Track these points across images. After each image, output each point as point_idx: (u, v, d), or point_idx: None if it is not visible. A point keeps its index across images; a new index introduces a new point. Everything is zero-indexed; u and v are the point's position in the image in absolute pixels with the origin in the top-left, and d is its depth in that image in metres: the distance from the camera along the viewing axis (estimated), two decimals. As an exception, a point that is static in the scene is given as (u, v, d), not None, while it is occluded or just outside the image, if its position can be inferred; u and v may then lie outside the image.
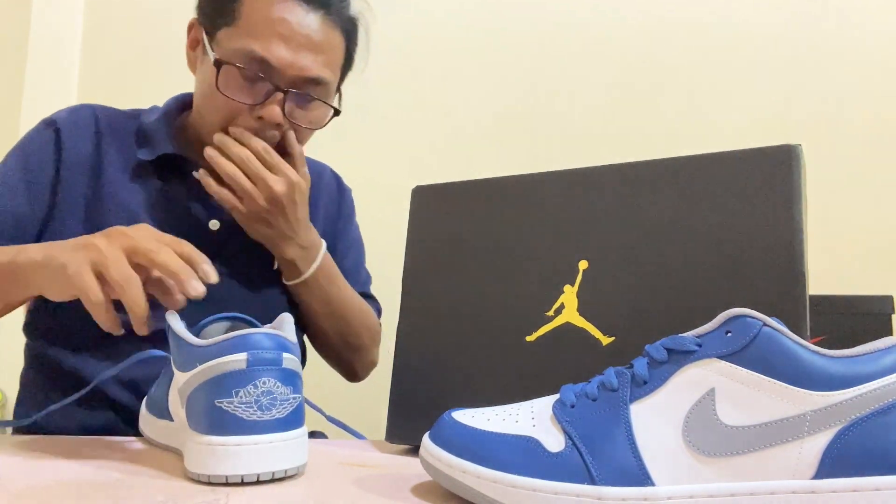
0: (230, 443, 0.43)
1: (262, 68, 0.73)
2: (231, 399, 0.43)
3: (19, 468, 0.46)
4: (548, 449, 0.38)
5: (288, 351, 0.46)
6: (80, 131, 0.78)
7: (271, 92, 0.73)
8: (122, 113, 0.83)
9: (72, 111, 0.81)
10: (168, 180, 0.79)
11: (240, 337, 0.44)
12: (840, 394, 0.34)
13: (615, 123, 1.44)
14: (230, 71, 0.73)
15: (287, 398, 0.45)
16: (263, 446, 0.43)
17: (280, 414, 0.44)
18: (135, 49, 1.64)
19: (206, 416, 0.44)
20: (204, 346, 0.45)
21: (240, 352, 0.44)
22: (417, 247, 0.65)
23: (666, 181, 0.54)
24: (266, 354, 0.44)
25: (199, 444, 0.44)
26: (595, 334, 0.54)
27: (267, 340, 0.45)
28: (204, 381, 0.44)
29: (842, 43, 1.38)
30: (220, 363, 0.44)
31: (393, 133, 1.51)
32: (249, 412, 0.43)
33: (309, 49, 0.74)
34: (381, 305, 0.99)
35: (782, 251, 0.48)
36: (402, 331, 0.64)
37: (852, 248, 1.31)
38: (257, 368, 0.44)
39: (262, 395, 0.43)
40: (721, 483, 0.35)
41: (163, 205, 0.78)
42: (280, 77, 0.73)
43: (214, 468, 0.42)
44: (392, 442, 0.61)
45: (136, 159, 0.78)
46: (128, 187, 0.77)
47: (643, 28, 1.47)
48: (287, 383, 0.45)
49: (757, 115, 1.39)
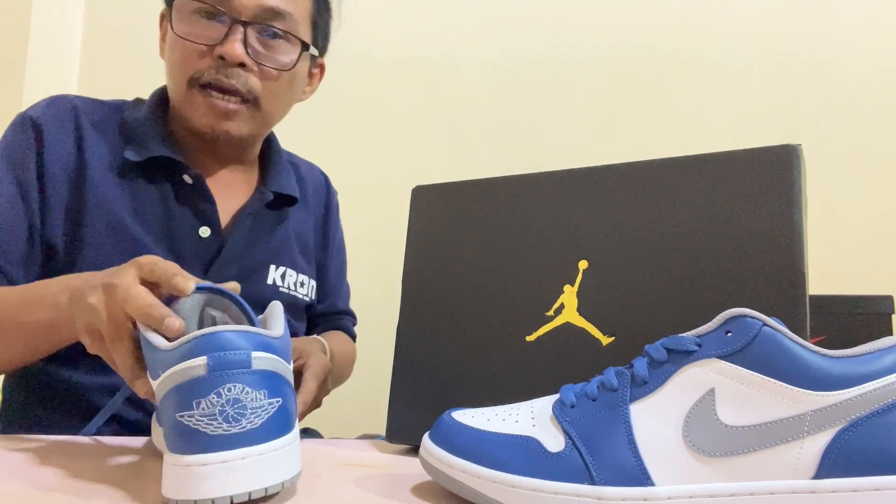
0: (195, 462, 0.36)
1: (217, 1, 0.70)
2: (192, 411, 0.37)
3: (19, 468, 0.46)
4: (548, 449, 0.38)
5: (262, 349, 0.39)
6: (61, 126, 0.73)
7: (229, 28, 0.71)
8: (103, 105, 0.79)
9: (49, 104, 0.75)
10: (156, 182, 0.75)
11: (200, 338, 0.38)
12: (840, 394, 0.34)
13: (615, 123, 1.44)
14: (184, 11, 0.71)
15: (260, 405, 0.38)
16: (234, 463, 0.36)
17: (252, 424, 0.37)
18: (135, 49, 1.64)
19: (171, 433, 0.38)
20: (165, 350, 0.39)
21: (199, 355, 0.37)
22: (417, 247, 0.65)
23: (666, 181, 0.54)
24: (231, 356, 0.37)
25: (168, 465, 0.38)
26: (595, 334, 0.54)
27: (234, 339, 0.38)
28: (167, 391, 0.38)
29: (842, 43, 1.38)
30: (179, 370, 0.37)
31: (393, 133, 1.51)
32: (213, 425, 0.37)
33: None
34: (381, 306, 0.99)
35: (782, 251, 0.48)
36: (402, 331, 0.64)
37: (852, 248, 1.31)
38: (220, 374, 0.37)
39: (227, 403, 0.37)
40: (721, 483, 0.35)
41: (150, 209, 0.74)
42: (237, 10, 0.71)
43: (181, 492, 0.37)
44: (392, 442, 0.61)
45: (122, 158, 0.74)
46: (113, 189, 0.73)
47: (643, 28, 1.47)
48: (259, 387, 0.38)
49: (757, 115, 1.39)
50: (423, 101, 1.52)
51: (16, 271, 0.69)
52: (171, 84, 0.76)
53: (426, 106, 1.51)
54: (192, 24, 0.72)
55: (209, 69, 0.71)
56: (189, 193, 0.75)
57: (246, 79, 0.73)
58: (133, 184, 0.74)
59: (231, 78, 0.72)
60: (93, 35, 1.67)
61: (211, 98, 0.72)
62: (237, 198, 0.80)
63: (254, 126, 0.77)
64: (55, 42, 1.63)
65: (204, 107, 0.73)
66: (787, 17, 1.41)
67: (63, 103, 0.75)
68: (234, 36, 0.71)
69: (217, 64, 0.71)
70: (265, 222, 0.82)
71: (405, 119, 1.51)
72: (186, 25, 0.72)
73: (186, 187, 0.75)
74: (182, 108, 0.75)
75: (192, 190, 0.75)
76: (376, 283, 1.00)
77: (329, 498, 0.41)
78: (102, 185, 0.72)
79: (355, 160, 1.46)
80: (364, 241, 1.01)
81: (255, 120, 0.76)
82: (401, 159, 1.49)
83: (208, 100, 0.72)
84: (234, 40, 0.71)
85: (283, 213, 0.84)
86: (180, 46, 0.72)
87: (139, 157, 0.74)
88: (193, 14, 0.72)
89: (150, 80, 0.86)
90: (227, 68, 0.71)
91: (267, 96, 0.75)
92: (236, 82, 0.72)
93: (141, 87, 0.84)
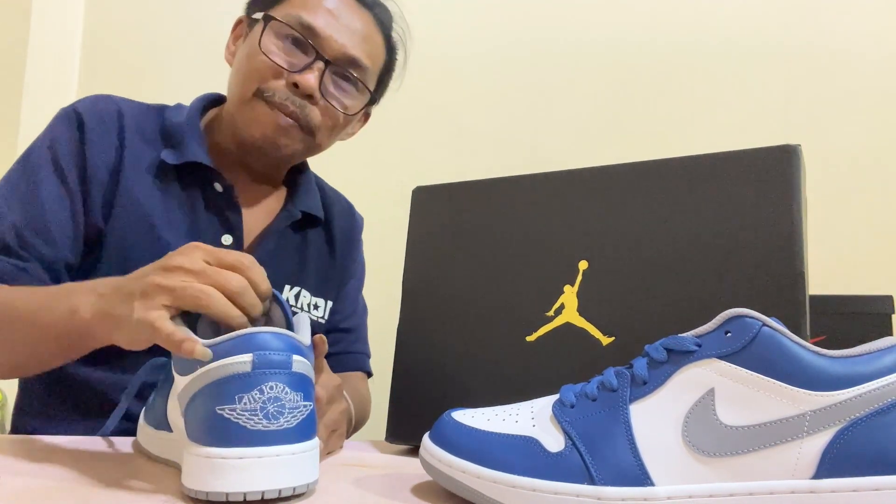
0: (231, 455, 0.38)
1: (308, 34, 0.74)
2: (234, 406, 0.39)
3: (19, 468, 0.46)
4: (547, 449, 0.38)
5: (299, 353, 0.41)
6: (104, 125, 0.75)
7: (311, 62, 0.74)
8: (145, 108, 0.81)
9: (94, 102, 0.77)
10: (188, 187, 0.77)
11: (244, 336, 0.40)
12: (840, 394, 0.34)
13: (615, 124, 1.45)
14: (274, 32, 0.74)
15: (297, 406, 0.40)
16: (269, 460, 0.38)
17: (289, 423, 0.39)
18: (135, 49, 1.64)
19: (205, 426, 0.39)
20: (206, 347, 0.41)
21: (244, 353, 0.39)
22: (417, 247, 0.65)
23: (666, 181, 0.54)
24: (274, 356, 0.40)
25: (198, 457, 0.39)
26: (595, 334, 0.54)
27: (275, 341, 0.40)
28: (204, 385, 0.40)
29: (841, 43, 1.38)
30: (222, 365, 0.39)
31: (393, 133, 1.51)
32: (254, 421, 0.38)
33: (353, 32, 0.77)
34: (381, 306, 0.98)
35: (782, 251, 0.48)
36: (402, 331, 0.64)
37: (852, 248, 1.31)
38: (264, 372, 0.39)
39: (268, 401, 0.39)
40: (720, 483, 0.35)
41: (178, 212, 0.76)
42: (322, 48, 0.75)
43: (213, 484, 0.38)
44: (392, 442, 0.61)
45: (158, 160, 0.76)
46: (145, 189, 0.75)
47: (643, 28, 1.47)
48: (297, 389, 0.40)
49: (757, 115, 1.39)
50: (423, 101, 1.51)
51: (71, 257, 0.71)
52: (234, 89, 0.78)
53: (426, 106, 1.51)
54: (279, 46, 0.75)
55: (279, 91, 0.74)
56: (218, 202, 0.77)
57: (309, 111, 0.76)
58: (165, 185, 0.76)
59: (297, 107, 0.75)
60: (93, 35, 1.67)
61: (274, 111, 0.75)
62: (264, 213, 0.83)
63: (301, 149, 0.79)
64: (55, 42, 1.63)
65: (264, 118, 0.75)
66: (786, 16, 1.41)
67: (108, 103, 0.78)
68: (313, 70, 0.74)
69: (289, 89, 0.74)
70: (288, 242, 0.84)
71: (405, 119, 1.51)
72: (273, 44, 0.75)
73: (216, 195, 0.77)
74: (239, 113, 0.77)
75: (221, 199, 0.77)
76: (377, 284, 1.00)
77: (329, 498, 0.41)
78: (136, 184, 0.74)
79: (355, 160, 1.46)
80: (364, 242, 1.01)
81: (305, 144, 0.79)
82: (401, 159, 1.49)
83: (270, 112, 0.75)
84: (312, 74, 0.74)
85: (306, 234, 0.86)
86: (260, 60, 0.74)
87: (176, 161, 0.76)
88: (284, 37, 0.75)
89: (150, 80, 0.87)
90: (295, 96, 0.75)
91: (323, 130, 0.79)
92: (299, 112, 0.75)
93: (141, 87, 0.85)
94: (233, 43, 0.83)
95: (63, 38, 1.65)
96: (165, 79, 1.60)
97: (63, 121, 0.75)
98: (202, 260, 0.47)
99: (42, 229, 0.69)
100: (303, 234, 0.86)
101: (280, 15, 0.75)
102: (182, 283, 0.45)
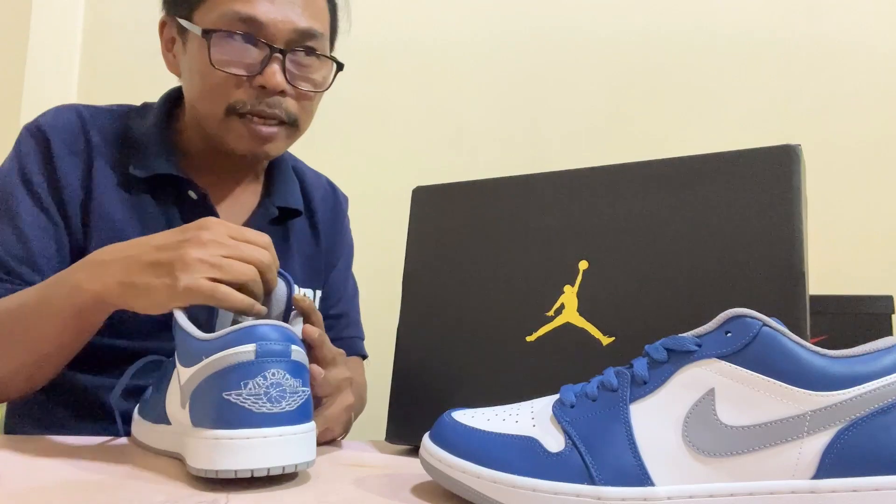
0: (239, 436, 0.42)
1: (252, 28, 0.70)
2: (239, 391, 0.42)
3: (19, 468, 0.46)
4: (548, 449, 0.38)
5: (296, 343, 0.46)
6: (69, 137, 0.74)
7: (268, 57, 0.70)
8: (109, 113, 0.78)
9: (56, 116, 0.75)
10: (161, 198, 0.75)
11: (247, 328, 0.44)
12: (840, 394, 0.34)
13: (615, 124, 1.44)
14: (220, 41, 0.70)
15: (296, 391, 0.44)
16: (273, 439, 0.42)
17: (290, 407, 0.44)
18: (135, 49, 1.64)
19: (213, 410, 0.43)
20: (210, 340, 0.45)
21: (248, 343, 0.43)
22: (417, 247, 0.65)
23: (666, 181, 0.54)
24: (274, 346, 0.44)
25: (205, 440, 0.43)
26: (595, 334, 0.54)
27: (274, 332, 0.44)
28: (210, 373, 0.44)
29: (841, 43, 1.38)
30: (227, 355, 0.43)
31: (393, 133, 1.51)
32: (259, 404, 0.42)
33: (293, 3, 0.72)
34: (381, 306, 0.98)
35: (782, 251, 0.48)
36: (402, 331, 0.64)
37: (852, 248, 1.31)
38: (266, 360, 0.43)
39: (271, 386, 0.43)
40: (721, 483, 0.35)
41: (154, 225, 0.73)
42: (272, 36, 0.70)
43: (222, 463, 0.41)
44: (392, 442, 0.61)
45: (127, 174, 0.74)
46: (117, 204, 0.73)
47: (643, 28, 1.46)
48: (296, 376, 0.45)
49: (757, 115, 1.39)
50: (423, 101, 1.51)
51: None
52: (204, 110, 0.74)
53: (426, 106, 1.51)
54: (227, 52, 0.70)
55: (248, 99, 0.71)
56: (194, 210, 0.75)
57: (285, 104, 0.73)
58: (138, 199, 0.74)
59: (273, 107, 0.72)
60: (93, 35, 1.67)
61: (252, 125, 0.72)
62: (242, 212, 0.81)
63: (288, 143, 0.78)
64: (55, 42, 1.63)
65: (245, 133, 0.73)
66: (786, 16, 1.41)
67: (69, 114, 0.75)
68: (273, 65, 0.70)
69: (257, 93, 0.71)
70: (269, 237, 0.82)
71: (405, 119, 1.51)
72: (223, 53, 0.70)
73: (192, 203, 0.75)
74: (218, 133, 0.74)
75: (197, 206, 0.75)
76: (377, 284, 1.00)
77: (329, 498, 0.41)
78: (109, 200, 0.73)
79: (355, 160, 1.46)
80: (364, 242, 1.01)
81: (291, 138, 0.77)
82: (401, 159, 1.49)
83: (249, 126, 0.72)
84: (274, 70, 0.70)
85: (288, 226, 0.85)
86: (217, 76, 0.71)
87: (145, 174, 0.74)
88: (230, 39, 0.71)
89: (151, 80, 0.86)
90: (266, 97, 0.72)
91: (303, 116, 0.76)
92: (277, 110, 0.72)
93: (141, 87, 0.84)
94: (167, 50, 0.78)
95: (63, 38, 1.65)
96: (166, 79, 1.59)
97: (28, 141, 0.73)
98: (227, 235, 0.52)
99: (27, 259, 0.68)
100: (284, 227, 0.84)
101: (215, 16, 0.70)
102: (227, 262, 0.50)
